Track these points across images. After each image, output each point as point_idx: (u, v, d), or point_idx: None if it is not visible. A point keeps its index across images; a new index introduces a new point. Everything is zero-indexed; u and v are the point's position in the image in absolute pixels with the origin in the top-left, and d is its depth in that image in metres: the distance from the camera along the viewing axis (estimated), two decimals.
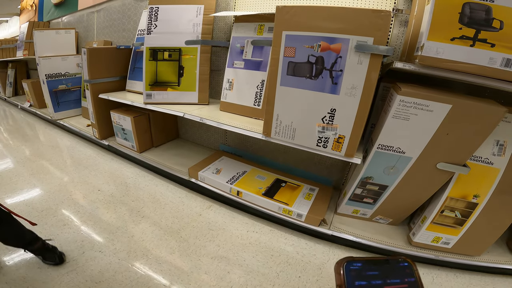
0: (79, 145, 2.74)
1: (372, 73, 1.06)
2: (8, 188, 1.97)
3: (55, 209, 1.74)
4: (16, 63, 4.73)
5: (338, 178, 1.85)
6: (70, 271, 1.29)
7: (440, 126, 1.12)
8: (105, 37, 3.06)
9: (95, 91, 2.24)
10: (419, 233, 1.40)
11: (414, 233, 1.44)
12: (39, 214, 1.68)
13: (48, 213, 1.70)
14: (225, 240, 1.54)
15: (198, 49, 1.82)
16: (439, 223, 1.35)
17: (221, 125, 1.54)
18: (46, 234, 1.51)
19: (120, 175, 2.17)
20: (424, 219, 1.40)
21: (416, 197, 1.40)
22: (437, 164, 1.22)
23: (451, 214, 1.32)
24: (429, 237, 1.39)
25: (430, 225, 1.36)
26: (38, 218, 1.64)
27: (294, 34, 1.15)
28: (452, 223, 1.33)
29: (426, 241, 1.40)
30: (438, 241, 1.39)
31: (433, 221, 1.34)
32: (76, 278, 1.26)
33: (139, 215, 1.71)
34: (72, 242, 1.47)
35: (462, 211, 1.30)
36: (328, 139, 1.26)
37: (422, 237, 1.40)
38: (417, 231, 1.42)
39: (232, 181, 1.75)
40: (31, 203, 1.80)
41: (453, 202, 1.29)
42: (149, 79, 1.86)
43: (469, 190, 1.26)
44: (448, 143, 1.16)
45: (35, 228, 1.34)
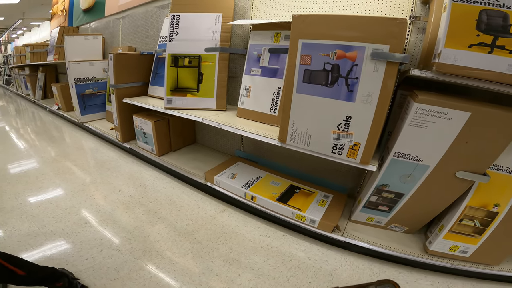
0: (103, 147, 2.87)
1: (389, 81, 1.06)
2: (34, 186, 2.09)
3: (78, 207, 1.83)
4: (46, 67, 4.94)
5: (353, 186, 1.83)
6: (87, 268, 1.35)
7: (459, 134, 1.10)
8: (129, 43, 3.18)
9: (120, 95, 2.34)
10: (435, 241, 1.36)
11: (430, 241, 1.41)
12: (63, 212, 1.77)
13: (71, 211, 1.79)
14: (238, 243, 1.56)
15: (216, 56, 1.88)
16: (457, 232, 1.31)
17: (238, 131, 1.57)
18: (69, 231, 1.59)
19: (139, 177, 2.24)
20: (441, 228, 1.36)
21: (434, 206, 1.36)
22: (456, 173, 1.19)
23: (470, 223, 1.28)
24: (446, 246, 1.35)
25: (448, 233, 1.32)
26: (62, 216, 1.73)
27: (310, 42, 1.17)
28: (470, 232, 1.29)
29: (443, 250, 1.37)
30: (456, 249, 1.35)
31: (451, 230, 1.31)
32: (92, 275, 1.31)
33: (155, 216, 1.76)
34: (91, 240, 1.53)
35: (481, 220, 1.26)
36: (343, 146, 1.26)
37: (438, 245, 1.36)
38: (433, 239, 1.38)
39: (247, 186, 1.78)
40: (55, 201, 1.90)
41: (473, 211, 1.25)
42: (170, 85, 1.93)
43: (490, 199, 1.22)
44: (467, 152, 1.13)
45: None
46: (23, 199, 1.91)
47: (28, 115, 4.69)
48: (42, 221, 1.67)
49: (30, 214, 1.74)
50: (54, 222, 1.67)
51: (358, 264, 1.44)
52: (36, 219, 1.69)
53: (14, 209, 1.78)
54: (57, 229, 1.61)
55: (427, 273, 1.40)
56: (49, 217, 1.72)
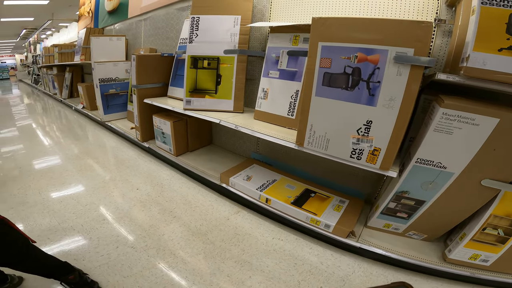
0: (123, 146, 2.94)
1: (413, 85, 1.02)
2: (58, 182, 2.16)
3: (97, 204, 1.88)
4: (73, 67, 5.13)
5: (371, 192, 1.77)
6: (102, 264, 1.37)
7: (487, 141, 1.04)
8: (150, 44, 3.24)
9: (141, 95, 2.39)
10: (456, 250, 1.30)
11: (450, 249, 1.34)
12: (83, 208, 1.82)
13: (91, 207, 1.83)
14: (250, 245, 1.54)
15: (235, 59, 1.88)
16: (479, 241, 1.25)
17: (255, 133, 1.56)
18: (88, 227, 1.63)
19: (156, 176, 2.28)
20: (463, 236, 1.30)
21: (456, 214, 1.30)
22: (481, 181, 1.13)
23: (494, 232, 1.21)
24: (467, 254, 1.29)
25: (469, 242, 1.26)
26: (82, 211, 1.78)
27: (330, 45, 1.15)
28: (493, 241, 1.23)
29: (463, 258, 1.31)
30: (476, 258, 1.29)
31: (473, 239, 1.25)
32: (106, 271, 1.33)
33: (171, 215, 1.78)
34: (108, 237, 1.56)
35: (505, 229, 1.19)
36: (362, 151, 1.22)
37: (458, 254, 1.30)
38: (454, 248, 1.32)
39: (262, 189, 1.76)
40: (77, 197, 1.96)
41: (497, 220, 1.19)
42: (189, 86, 1.95)
43: None
44: (494, 159, 1.08)
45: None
46: (46, 194, 1.98)
47: (55, 113, 4.90)
48: (63, 217, 1.73)
49: (51, 209, 1.80)
50: (74, 217, 1.72)
51: (372, 271, 1.40)
52: (57, 214, 1.74)
53: (37, 204, 1.85)
54: (77, 225, 1.65)
55: (444, 281, 1.34)
56: (70, 212, 1.77)
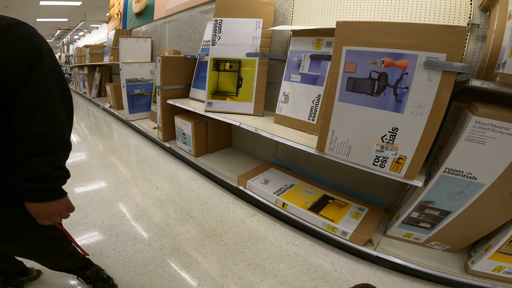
0: (145, 145, 3.00)
1: (444, 91, 0.95)
2: (83, 177, 2.23)
3: (118, 201, 1.91)
4: (102, 68, 5.33)
5: (392, 201, 1.69)
6: (118, 261, 1.38)
7: None
8: (174, 46, 3.29)
9: (164, 96, 2.43)
10: (479, 261, 1.23)
11: (473, 261, 1.27)
12: (105, 204, 1.86)
13: (112, 204, 1.87)
14: (264, 249, 1.51)
15: (256, 62, 1.87)
16: (505, 253, 1.17)
17: (275, 137, 1.53)
18: (108, 223, 1.66)
19: (176, 176, 2.30)
20: (488, 248, 1.22)
21: (483, 225, 1.22)
22: None
23: None
24: (491, 266, 1.22)
25: (495, 254, 1.18)
26: (103, 208, 1.82)
27: (355, 50, 1.10)
28: None
29: (486, 270, 1.23)
30: (500, 270, 1.21)
31: (499, 250, 1.17)
32: (121, 268, 1.34)
33: (187, 215, 1.78)
34: (126, 233, 1.58)
35: None
36: (386, 159, 1.16)
37: (482, 265, 1.23)
38: (477, 259, 1.25)
39: (279, 193, 1.73)
40: (100, 193, 2.00)
41: None
42: (211, 88, 1.95)
43: None
44: None
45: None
46: (72, 189, 2.04)
47: (84, 111, 5.10)
48: (86, 212, 1.76)
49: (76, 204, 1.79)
50: (97, 213, 1.76)
51: (388, 280, 1.33)
52: (80, 209, 1.79)
53: None
54: (98, 221, 1.69)
55: None
56: (92, 208, 1.81)
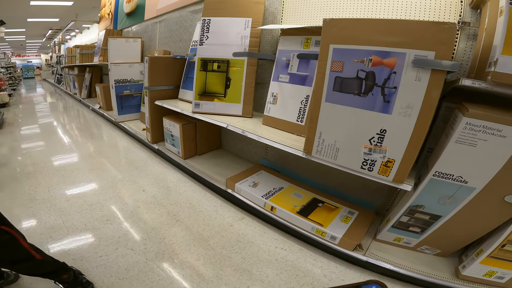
0: (134, 147, 2.92)
1: (433, 91, 0.91)
2: (69, 180, 2.15)
3: (102, 204, 1.84)
4: (92, 68, 5.22)
5: (382, 204, 1.65)
6: (99, 265, 1.33)
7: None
8: (164, 46, 3.22)
9: (153, 97, 2.36)
10: (470, 266, 1.19)
11: (464, 266, 1.23)
12: (88, 208, 1.78)
13: (96, 207, 1.80)
14: (252, 253, 1.46)
15: (245, 62, 1.81)
16: (497, 257, 1.13)
17: (262, 139, 1.47)
18: (90, 227, 1.60)
19: (164, 178, 2.23)
20: (480, 253, 1.18)
21: (474, 230, 1.18)
22: (505, 197, 1.01)
23: None
24: (482, 271, 1.18)
25: (486, 259, 1.15)
26: (87, 211, 1.75)
27: (343, 48, 1.05)
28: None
29: (477, 275, 1.19)
30: (492, 275, 1.17)
31: (490, 255, 1.13)
32: (103, 272, 1.29)
33: (174, 219, 1.72)
34: (109, 238, 1.52)
35: None
36: (374, 162, 1.11)
37: (473, 270, 1.19)
38: (468, 264, 1.21)
39: (268, 196, 1.67)
40: (84, 196, 1.93)
41: None
42: (199, 89, 1.89)
43: None
44: None
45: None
46: (55, 192, 1.97)
47: (74, 112, 5.00)
48: (68, 215, 1.70)
49: (58, 207, 1.78)
50: (79, 217, 1.69)
51: None
52: (63, 213, 1.72)
53: (45, 201, 1.83)
54: (80, 224, 1.62)
55: None
56: (75, 211, 1.74)
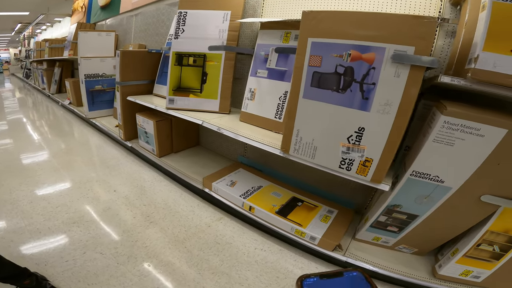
0: (106, 144, 2.75)
1: (412, 88, 0.87)
2: (33, 180, 1.98)
3: (69, 206, 1.71)
4: (63, 62, 4.93)
5: (361, 202, 1.63)
6: (66, 270, 1.22)
7: (491, 154, 0.91)
8: (140, 40, 3.09)
9: (125, 93, 2.22)
10: (447, 265, 1.19)
11: (441, 265, 1.23)
12: (53, 210, 1.65)
13: (62, 209, 1.66)
14: (230, 255, 1.40)
15: (222, 56, 1.73)
16: (472, 257, 1.13)
17: (238, 137, 1.40)
18: (55, 230, 1.48)
19: (138, 177, 2.10)
20: (455, 252, 1.18)
21: (451, 229, 1.18)
22: (481, 197, 1.01)
23: (489, 248, 1.10)
24: (458, 270, 1.18)
25: (462, 258, 1.15)
26: (51, 213, 1.61)
27: (321, 42, 1.00)
28: (487, 257, 1.12)
29: (453, 274, 1.19)
30: (468, 274, 1.18)
31: (466, 255, 1.13)
32: (70, 278, 1.19)
33: (147, 220, 1.62)
34: (76, 241, 1.41)
35: (502, 246, 1.08)
36: (353, 161, 1.07)
37: (449, 270, 1.19)
38: (444, 263, 1.21)
39: (246, 196, 1.60)
40: (49, 197, 1.78)
41: (493, 236, 1.08)
42: (173, 84, 1.78)
43: None
44: (498, 174, 0.94)
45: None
46: (18, 193, 1.80)
47: (43, 108, 4.68)
48: (31, 218, 1.56)
49: (20, 210, 1.63)
50: (43, 220, 1.55)
51: None
52: (25, 215, 1.58)
53: (6, 204, 1.68)
54: (44, 228, 1.49)
55: None
56: (38, 214, 1.60)
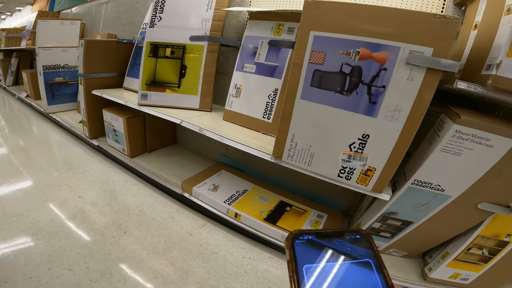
0: (69, 142, 2.42)
1: (426, 94, 0.77)
2: None
3: (26, 215, 1.43)
4: (21, 53, 4.42)
5: (349, 203, 1.57)
6: None
7: (496, 165, 0.85)
8: (110, 30, 2.78)
9: (89, 86, 1.94)
10: (437, 269, 1.16)
11: (431, 268, 1.20)
12: (8, 220, 1.38)
13: (19, 219, 1.39)
14: (217, 266, 1.25)
15: (204, 48, 1.54)
16: (462, 260, 1.12)
17: (224, 140, 1.24)
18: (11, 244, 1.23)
19: (106, 180, 1.85)
20: (445, 255, 1.16)
21: (443, 234, 1.15)
22: (478, 204, 0.97)
23: (478, 251, 1.09)
24: (448, 273, 1.16)
25: (453, 261, 1.12)
26: (6, 224, 1.35)
27: (325, 36, 0.86)
28: (476, 260, 1.11)
29: (443, 277, 1.18)
30: (457, 277, 1.17)
31: (457, 258, 1.11)
32: None
33: (120, 230, 1.41)
34: (38, 256, 1.18)
35: (491, 249, 1.07)
36: (353, 170, 0.97)
37: (440, 273, 1.17)
38: (435, 266, 1.19)
39: (231, 201, 1.46)
40: (2, 207, 1.49)
41: (484, 240, 1.06)
42: (146, 78, 1.56)
43: (504, 229, 1.03)
44: (498, 184, 0.90)
45: None
46: None
47: None
48: None
49: None
50: None
51: None
52: None
53: None
54: None
55: None
56: None
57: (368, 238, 0.32)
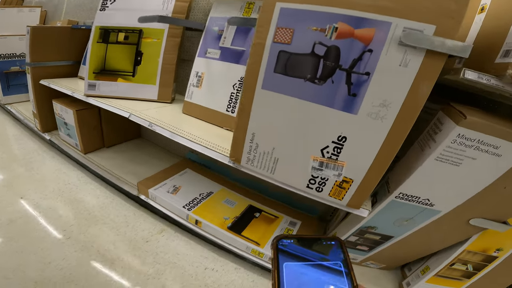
0: (24, 136, 2.08)
1: (424, 84, 0.54)
2: None
3: None
4: None
5: (326, 208, 1.36)
6: None
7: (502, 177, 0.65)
8: (73, 17, 2.47)
9: (37, 75, 1.63)
10: (416, 284, 0.99)
11: (409, 283, 1.03)
12: None
13: None
14: (174, 278, 1.04)
15: (165, 32, 1.26)
16: (444, 276, 0.95)
17: (176, 137, 0.98)
18: None
19: (56, 178, 1.55)
20: (426, 270, 0.99)
21: (426, 248, 0.97)
22: (470, 220, 0.78)
23: (462, 267, 0.92)
24: None
25: (433, 277, 0.95)
26: None
27: (295, 8, 0.61)
28: (459, 276, 0.94)
29: None
30: None
31: (438, 274, 0.94)
32: None
33: (64, 235, 1.15)
34: None
35: (476, 265, 0.90)
36: (325, 181, 0.74)
37: None
38: (413, 281, 1.01)
39: (191, 206, 1.21)
40: None
41: (470, 255, 0.89)
42: (95, 66, 1.27)
43: (494, 243, 0.86)
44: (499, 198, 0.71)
45: None
46: None
47: None
48: None
49: None
50: None
51: None
52: None
53: None
54: None
55: None
56: None
57: (341, 244, 0.35)
